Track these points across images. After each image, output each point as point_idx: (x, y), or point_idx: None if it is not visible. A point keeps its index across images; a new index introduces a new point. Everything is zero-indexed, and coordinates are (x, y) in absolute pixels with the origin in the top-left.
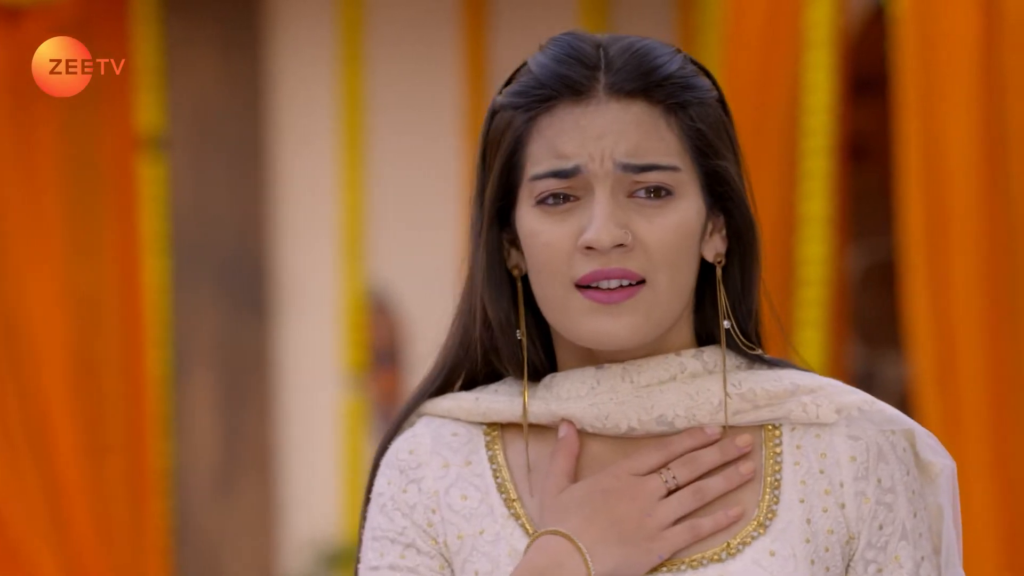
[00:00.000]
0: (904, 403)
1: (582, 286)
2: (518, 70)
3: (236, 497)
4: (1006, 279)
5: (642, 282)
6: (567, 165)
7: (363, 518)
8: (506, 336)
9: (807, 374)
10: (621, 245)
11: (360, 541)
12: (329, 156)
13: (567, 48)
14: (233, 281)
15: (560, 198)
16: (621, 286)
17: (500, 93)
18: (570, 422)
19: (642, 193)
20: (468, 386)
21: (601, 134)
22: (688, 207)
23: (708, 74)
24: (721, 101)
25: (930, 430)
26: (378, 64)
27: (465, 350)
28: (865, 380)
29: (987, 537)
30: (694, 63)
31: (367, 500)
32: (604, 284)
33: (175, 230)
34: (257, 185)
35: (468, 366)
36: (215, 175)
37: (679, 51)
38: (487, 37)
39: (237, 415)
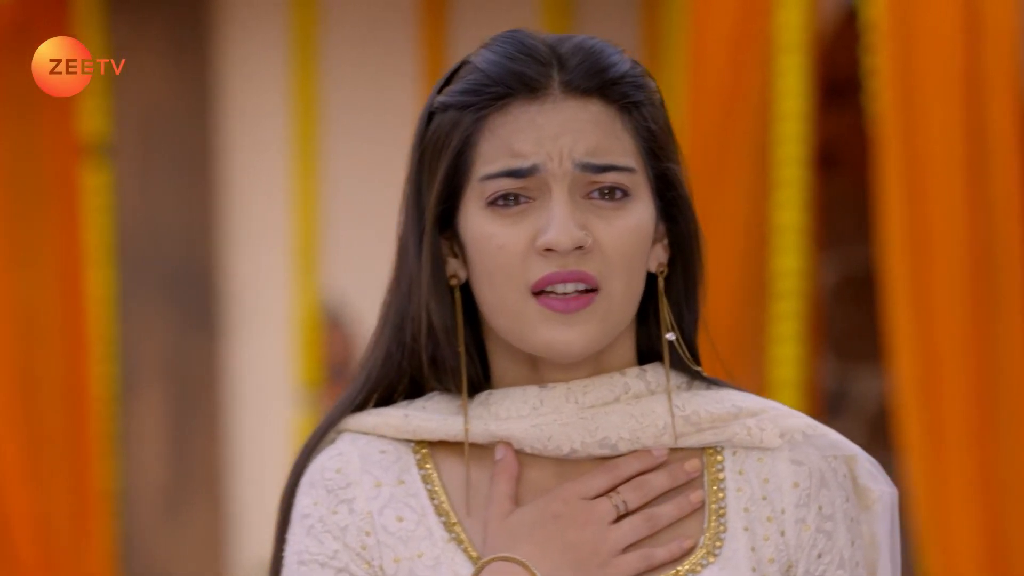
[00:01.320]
0: (880, 419)
1: (537, 292)
2: (458, 69)
3: (185, 520)
4: (989, 287)
5: (596, 289)
6: (524, 164)
7: (278, 541)
8: (450, 347)
9: (747, 395)
10: (580, 247)
11: (274, 566)
12: (282, 163)
13: (518, 45)
14: (181, 294)
15: (513, 199)
16: (577, 291)
17: (440, 93)
18: (507, 443)
19: (598, 194)
20: (385, 402)
21: (559, 133)
22: (643, 210)
23: (650, 76)
24: (663, 103)
25: (912, 445)
26: (332, 67)
27: (395, 364)
28: (837, 396)
29: (970, 553)
30: (639, 64)
31: (283, 521)
32: (560, 288)
33: (120, 241)
34: (207, 193)
35: (390, 380)
36: (162, 183)
37: (624, 52)
38: (446, 39)
39: (186, 434)
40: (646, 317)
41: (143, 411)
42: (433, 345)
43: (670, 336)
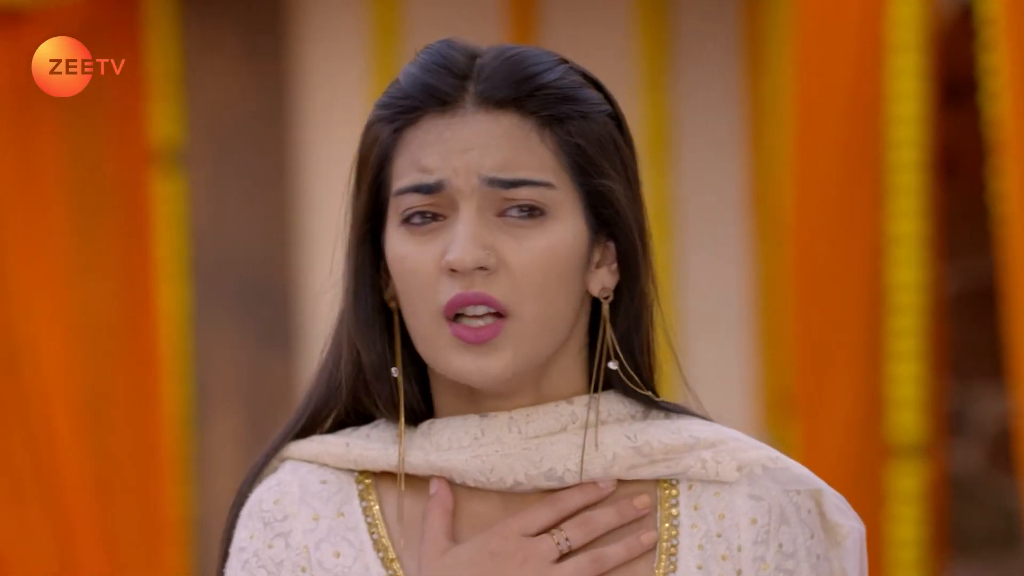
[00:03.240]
0: (1003, 442)
1: (451, 317)
2: (394, 82)
3: None
4: None
5: (506, 315)
6: (430, 179)
7: (219, 574)
8: (379, 377)
9: (708, 425)
10: (484, 268)
11: None
12: None
13: (436, 56)
14: (258, 309)
15: (427, 216)
16: (488, 314)
17: (374, 106)
18: (441, 477)
19: (515, 212)
20: (337, 427)
21: (467, 147)
22: (563, 230)
23: (599, 86)
24: (614, 116)
25: None
26: None
27: (335, 388)
28: (955, 417)
29: None
30: (583, 74)
31: (224, 555)
32: (470, 311)
33: (193, 253)
34: (284, 202)
35: (336, 406)
36: (237, 191)
37: (564, 61)
38: (534, 38)
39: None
40: (595, 343)
41: (218, 433)
42: (358, 372)
43: (612, 364)
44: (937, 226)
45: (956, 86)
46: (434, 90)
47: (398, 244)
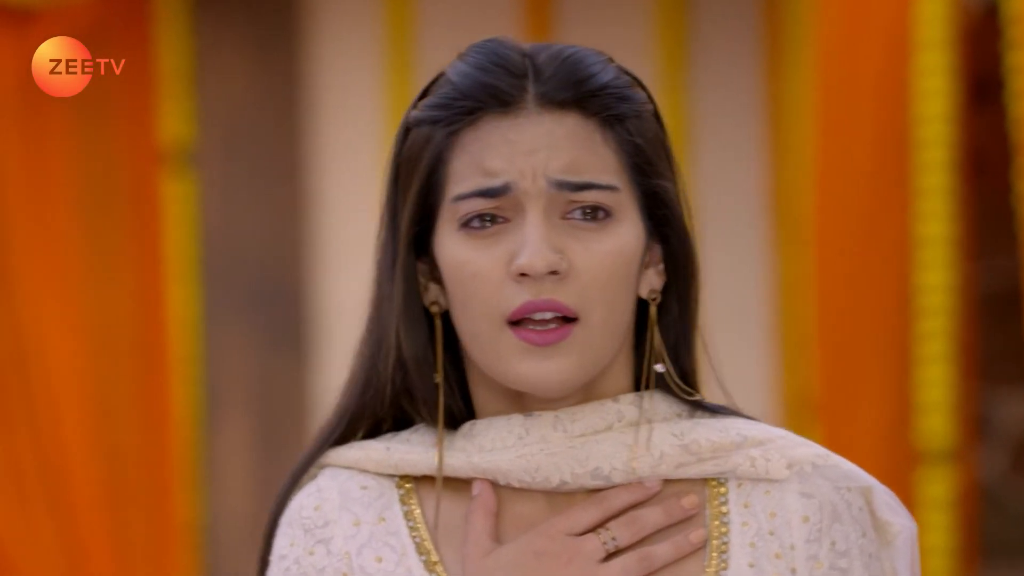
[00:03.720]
0: None
1: (514, 322)
2: (435, 80)
3: None
4: None
5: (575, 319)
6: (495, 183)
7: None
8: (422, 378)
9: (754, 424)
10: (555, 272)
11: None
12: (377, 171)
13: (491, 55)
14: (269, 313)
15: (488, 220)
16: (556, 319)
17: (415, 107)
18: (484, 479)
19: (578, 214)
20: (373, 433)
21: (532, 149)
22: (627, 232)
23: (642, 85)
24: (657, 115)
25: None
26: (431, 67)
27: (372, 393)
28: (981, 423)
29: None
30: (627, 73)
31: (264, 563)
32: (538, 316)
33: (203, 255)
34: (296, 204)
35: (373, 411)
36: (249, 192)
37: (611, 60)
38: (549, 36)
39: (273, 463)
40: (642, 344)
41: (228, 438)
42: (403, 376)
43: (659, 368)
44: (966, 227)
45: (984, 85)
46: (495, 90)
47: (456, 249)
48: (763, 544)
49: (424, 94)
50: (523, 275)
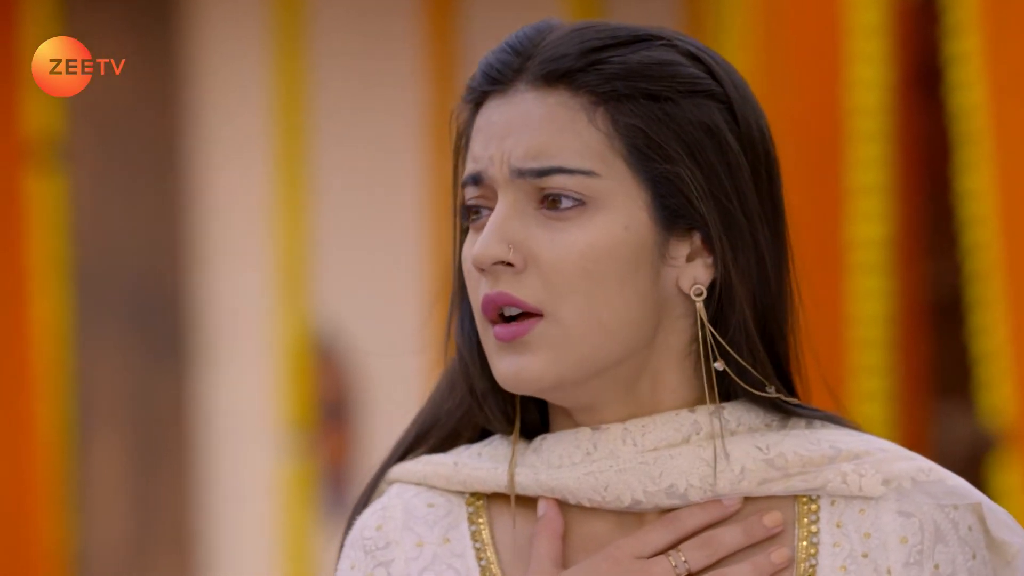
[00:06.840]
0: (974, 466)
1: (492, 321)
2: None
3: None
4: None
5: (539, 315)
6: (475, 169)
7: None
8: (492, 388)
9: (855, 434)
10: (508, 264)
11: None
12: (263, 168)
13: (514, 35)
14: (145, 320)
15: (477, 210)
16: (522, 315)
17: None
18: (551, 499)
19: (551, 202)
20: (448, 444)
21: (505, 133)
22: (611, 222)
23: (712, 69)
24: (725, 100)
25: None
26: (321, 58)
27: (447, 403)
28: (924, 439)
29: None
30: (690, 54)
31: None
32: (507, 311)
33: (74, 258)
34: (175, 203)
35: (448, 422)
36: (124, 191)
37: (664, 38)
38: (456, 24)
39: (151, 482)
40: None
41: (101, 456)
42: (468, 385)
43: (718, 365)
44: (909, 229)
45: (927, 74)
46: (491, 69)
47: (465, 243)
48: (855, 567)
49: None
50: (481, 269)
